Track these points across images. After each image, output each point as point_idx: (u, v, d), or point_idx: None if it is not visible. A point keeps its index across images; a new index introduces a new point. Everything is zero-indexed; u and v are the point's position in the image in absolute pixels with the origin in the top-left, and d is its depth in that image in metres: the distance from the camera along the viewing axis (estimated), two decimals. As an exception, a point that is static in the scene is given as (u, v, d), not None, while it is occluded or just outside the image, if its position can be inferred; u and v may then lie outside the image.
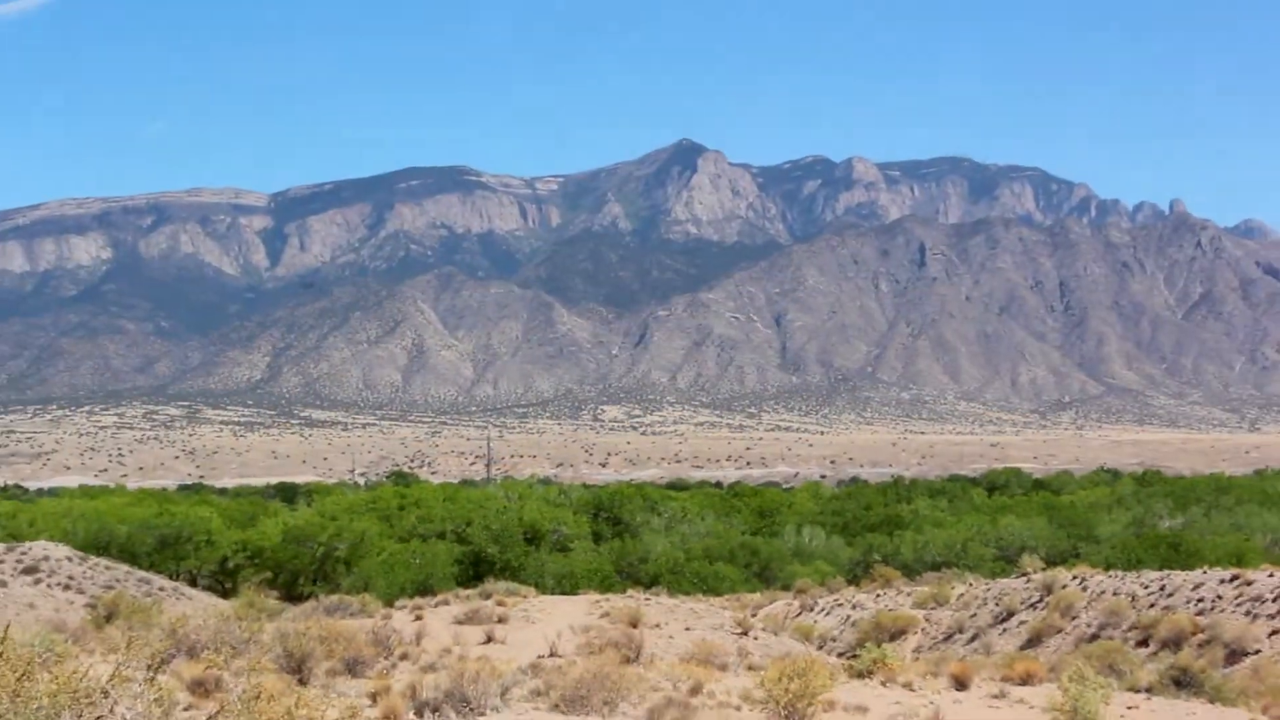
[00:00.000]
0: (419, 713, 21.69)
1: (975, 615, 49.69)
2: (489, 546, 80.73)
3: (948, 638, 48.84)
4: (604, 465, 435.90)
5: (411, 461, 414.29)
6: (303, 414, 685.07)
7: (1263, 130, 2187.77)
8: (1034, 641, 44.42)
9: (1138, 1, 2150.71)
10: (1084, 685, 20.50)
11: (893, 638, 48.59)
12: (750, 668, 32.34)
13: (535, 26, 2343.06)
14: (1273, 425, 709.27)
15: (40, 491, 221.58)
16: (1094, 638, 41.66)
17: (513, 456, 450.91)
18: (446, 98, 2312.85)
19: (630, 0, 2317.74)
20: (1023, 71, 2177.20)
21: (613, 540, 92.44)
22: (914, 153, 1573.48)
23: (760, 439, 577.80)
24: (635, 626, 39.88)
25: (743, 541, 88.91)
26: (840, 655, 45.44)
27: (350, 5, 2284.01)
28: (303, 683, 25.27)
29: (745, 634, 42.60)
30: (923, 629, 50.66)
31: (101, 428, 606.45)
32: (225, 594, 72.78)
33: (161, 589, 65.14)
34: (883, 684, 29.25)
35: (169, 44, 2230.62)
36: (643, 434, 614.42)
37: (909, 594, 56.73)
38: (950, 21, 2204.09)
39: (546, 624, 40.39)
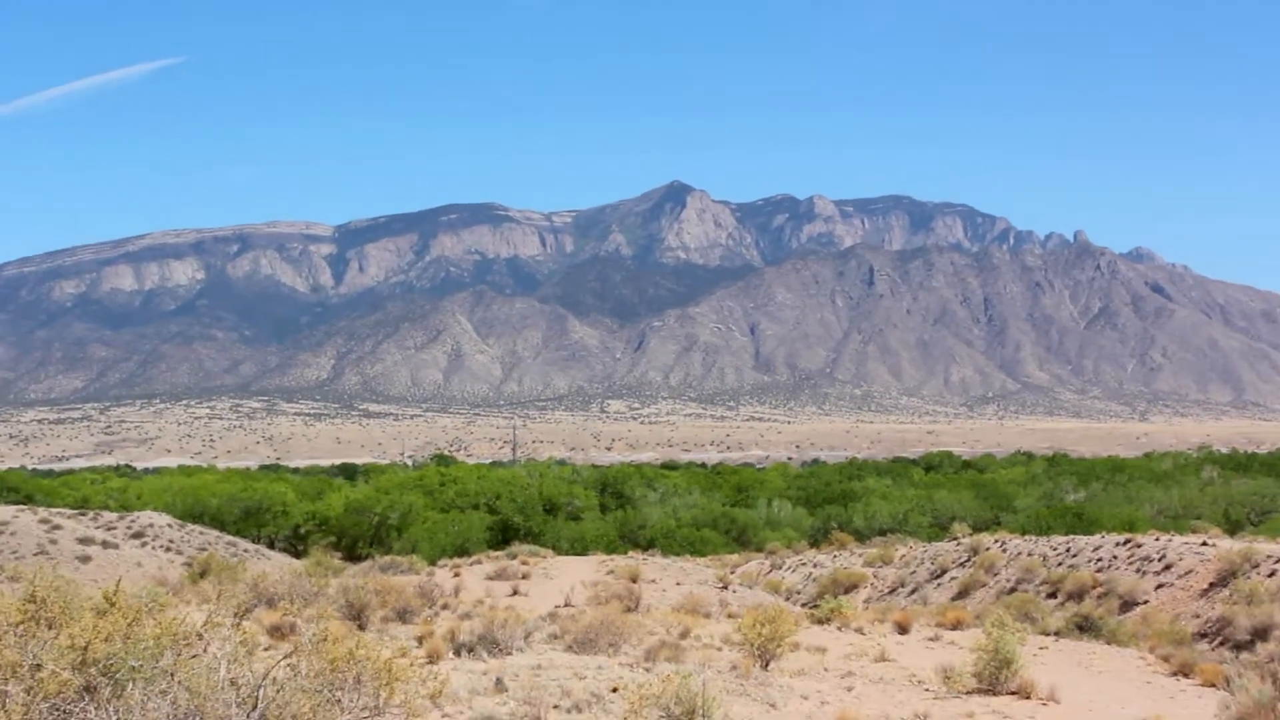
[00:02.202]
0: (457, 653, 21.67)
1: (915, 572, 49.62)
2: (515, 516, 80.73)
3: (892, 591, 48.78)
4: (609, 449, 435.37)
5: (451, 446, 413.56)
6: (361, 407, 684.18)
7: (1152, 174, 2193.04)
8: (963, 594, 44.34)
9: (1047, 66, 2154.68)
10: (1004, 630, 20.48)
11: (847, 591, 48.51)
12: (730, 616, 32.31)
13: (553, 90, 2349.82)
14: (1159, 416, 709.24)
15: (146, 470, 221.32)
16: (1012, 591, 41.61)
17: (534, 442, 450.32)
18: (480, 146, 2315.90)
19: (635, 65, 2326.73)
20: (956, 124, 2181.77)
21: (616, 511, 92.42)
22: (865, 192, 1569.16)
23: (738, 427, 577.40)
24: (635, 582, 39.84)
25: (723, 511, 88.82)
26: (804, 605, 45.38)
27: (400, 75, 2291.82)
28: (362, 628, 25.25)
29: (725, 588, 42.54)
30: (871, 584, 50.60)
31: (196, 418, 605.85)
32: (298, 555, 72.75)
33: (245, 550, 65.10)
34: (839, 629, 29.23)
35: (250, 102, 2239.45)
36: (641, 423, 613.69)
37: (860, 555, 56.65)
38: (896, 84, 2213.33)
39: (562, 580, 40.35)
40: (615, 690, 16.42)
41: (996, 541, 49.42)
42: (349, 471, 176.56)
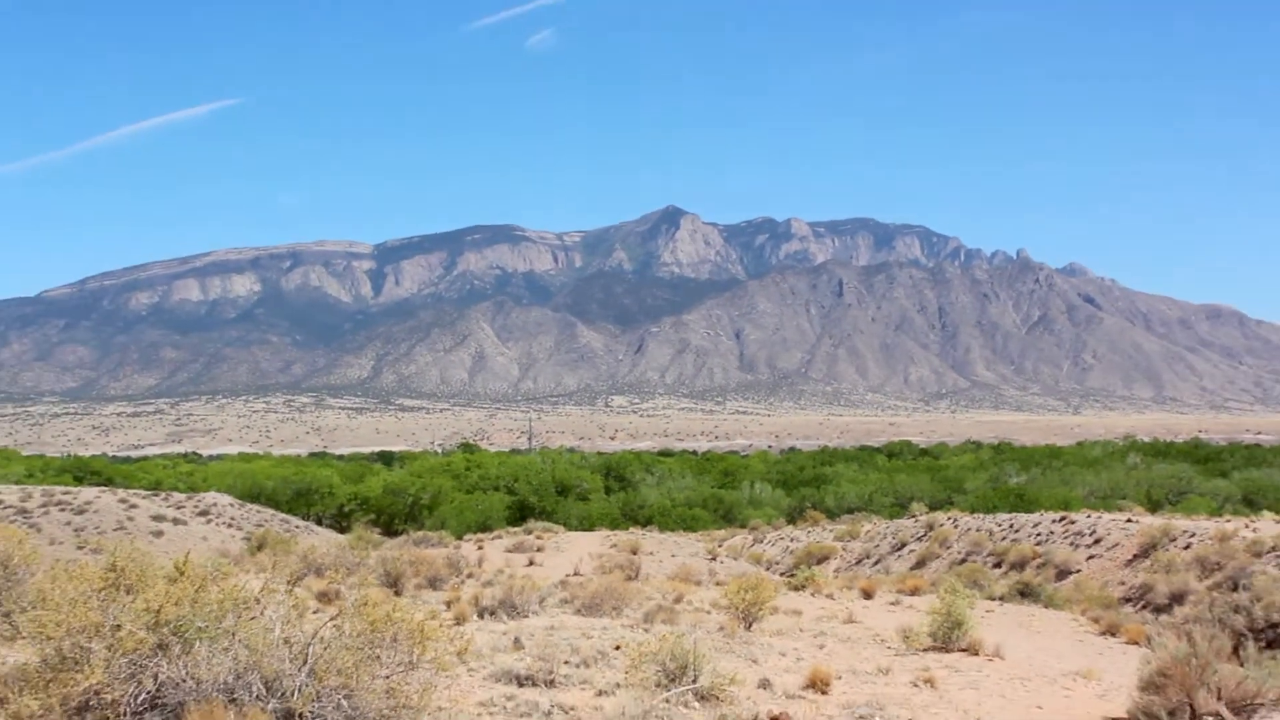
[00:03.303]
0: (481, 615, 21.69)
1: (878, 546, 49.69)
2: (531, 496, 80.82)
3: (858, 562, 48.83)
4: (612, 439, 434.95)
5: (475, 436, 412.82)
6: (397, 402, 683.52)
7: (1085, 198, 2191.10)
8: (920, 564, 44.40)
9: (996, 101, 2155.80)
10: (955, 595, 20.52)
11: (819, 562, 48.58)
12: (717, 583, 32.33)
13: (564, 125, 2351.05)
14: (1090, 410, 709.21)
15: (210, 457, 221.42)
16: (963, 561, 41.66)
17: (547, 432, 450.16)
18: (501, 176, 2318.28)
19: (635, 104, 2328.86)
20: (915, 154, 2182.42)
21: (619, 492, 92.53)
22: (835, 214, 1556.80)
23: (725, 420, 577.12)
24: (635, 554, 39.86)
25: (712, 493, 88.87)
26: (782, 574, 45.44)
27: (431, 113, 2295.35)
28: (398, 594, 25.27)
29: (714, 559, 42.57)
30: (841, 555, 50.65)
31: (254, 412, 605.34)
32: (342, 531, 72.80)
33: (297, 527, 65.12)
34: (812, 595, 29.26)
35: (299, 136, 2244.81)
36: (640, 416, 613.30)
37: (831, 531, 56.70)
38: (863, 120, 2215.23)
39: (572, 552, 40.37)
40: (618, 648, 16.47)
41: (949, 519, 49.50)
42: (387, 458, 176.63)
